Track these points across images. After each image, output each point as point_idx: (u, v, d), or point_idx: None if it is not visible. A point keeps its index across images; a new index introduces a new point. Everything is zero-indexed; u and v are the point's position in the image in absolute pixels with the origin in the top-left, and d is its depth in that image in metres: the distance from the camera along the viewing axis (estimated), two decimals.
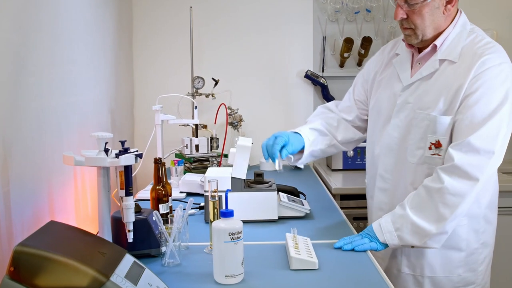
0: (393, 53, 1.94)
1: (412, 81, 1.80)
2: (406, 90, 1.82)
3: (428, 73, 1.76)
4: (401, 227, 1.65)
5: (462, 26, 1.77)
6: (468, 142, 1.60)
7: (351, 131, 2.10)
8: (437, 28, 1.74)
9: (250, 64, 3.31)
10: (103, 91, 2.58)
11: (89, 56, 2.34)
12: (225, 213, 1.41)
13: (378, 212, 1.93)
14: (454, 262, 1.80)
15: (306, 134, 1.98)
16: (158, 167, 1.95)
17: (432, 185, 1.63)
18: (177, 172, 2.64)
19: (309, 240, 1.70)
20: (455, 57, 1.72)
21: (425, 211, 1.64)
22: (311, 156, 2.04)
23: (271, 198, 2.01)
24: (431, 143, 1.72)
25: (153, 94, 3.18)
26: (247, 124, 3.23)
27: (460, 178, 1.60)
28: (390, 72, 1.91)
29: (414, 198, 1.67)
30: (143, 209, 1.69)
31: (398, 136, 1.82)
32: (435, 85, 1.73)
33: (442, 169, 1.63)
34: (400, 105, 1.82)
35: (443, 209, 1.61)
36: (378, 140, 1.92)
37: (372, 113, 1.99)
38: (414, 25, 1.73)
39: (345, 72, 3.31)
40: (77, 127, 2.14)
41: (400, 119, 1.82)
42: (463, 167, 1.60)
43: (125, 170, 1.40)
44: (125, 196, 1.41)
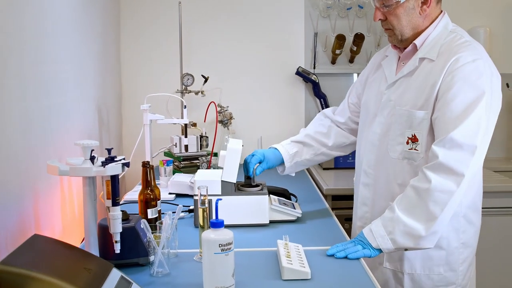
0: (384, 55, 1.99)
1: (395, 79, 1.85)
2: (389, 88, 1.87)
3: (409, 71, 1.81)
4: (393, 230, 1.63)
5: (443, 26, 1.81)
6: (451, 138, 1.61)
7: (343, 136, 2.15)
8: (415, 28, 1.79)
9: (240, 61, 3.27)
10: (90, 90, 2.52)
11: (75, 55, 2.28)
12: (215, 223, 1.36)
13: (362, 207, 1.96)
14: (434, 260, 1.81)
15: (286, 148, 2.11)
16: (146, 170, 1.90)
17: (420, 185, 1.63)
18: (166, 172, 2.59)
19: (301, 247, 1.67)
20: (433, 56, 1.76)
21: (415, 211, 1.63)
22: (298, 166, 2.14)
23: (262, 202, 1.97)
24: (408, 138, 1.77)
25: (141, 92, 3.13)
26: (237, 122, 3.18)
27: (446, 175, 1.60)
28: (379, 73, 1.97)
29: (403, 199, 1.66)
30: (131, 215, 1.64)
31: (380, 132, 1.87)
32: (414, 83, 1.78)
33: (428, 168, 1.63)
34: (383, 103, 1.87)
35: (433, 206, 1.60)
36: (364, 137, 1.96)
37: (361, 112, 2.05)
38: (391, 26, 1.80)
39: (337, 69, 3.27)
40: (64, 128, 2.08)
41: (383, 116, 1.87)
42: (448, 164, 1.60)
43: (111, 179, 1.35)
44: (112, 206, 1.36)
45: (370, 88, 1.99)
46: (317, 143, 2.13)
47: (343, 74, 3.30)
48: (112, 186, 1.35)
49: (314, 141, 2.13)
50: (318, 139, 2.13)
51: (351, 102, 2.13)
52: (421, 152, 1.74)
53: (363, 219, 1.94)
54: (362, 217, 1.95)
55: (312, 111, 3.30)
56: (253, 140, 3.18)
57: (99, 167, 1.35)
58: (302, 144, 2.13)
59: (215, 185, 1.94)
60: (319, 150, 2.13)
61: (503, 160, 3.32)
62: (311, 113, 3.31)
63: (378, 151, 1.87)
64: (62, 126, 2.06)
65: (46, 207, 1.84)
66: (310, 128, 2.19)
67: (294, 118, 3.32)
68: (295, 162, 2.11)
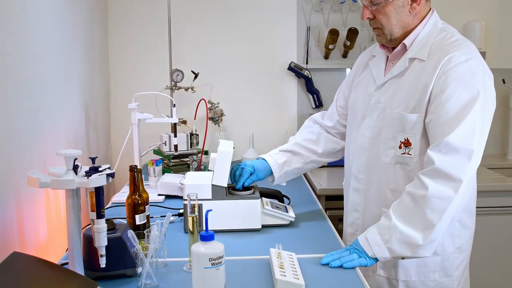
0: (370, 55, 1.93)
1: (384, 80, 1.79)
2: (378, 90, 1.81)
3: (399, 72, 1.75)
4: (389, 238, 1.58)
5: (433, 25, 1.75)
6: (447, 142, 1.56)
7: (333, 142, 2.09)
8: (405, 27, 1.73)
9: (231, 56, 3.19)
10: (76, 87, 2.44)
11: (60, 52, 2.20)
12: (205, 236, 1.30)
13: (353, 213, 1.90)
14: (429, 266, 1.77)
15: (274, 158, 2.05)
16: (134, 175, 1.83)
17: (416, 191, 1.57)
18: (155, 172, 2.52)
19: (295, 256, 1.61)
20: (423, 56, 1.70)
21: (412, 219, 1.57)
22: (288, 175, 2.08)
23: (254, 206, 1.91)
24: (401, 142, 1.71)
25: (130, 88, 3.07)
26: (228, 119, 3.11)
27: (443, 181, 1.55)
28: (366, 73, 1.90)
29: (399, 206, 1.61)
30: (118, 224, 1.57)
31: (370, 136, 1.81)
32: (404, 84, 1.72)
33: (424, 174, 1.58)
34: (372, 105, 1.81)
35: (430, 214, 1.55)
36: (353, 141, 1.90)
37: (349, 114, 1.98)
38: (380, 25, 1.73)
39: (330, 64, 3.21)
40: (49, 129, 2.01)
41: (373, 119, 1.81)
42: (444, 169, 1.55)
43: (96, 191, 1.28)
44: (97, 219, 1.30)
45: (357, 89, 1.93)
46: (307, 151, 2.07)
47: (337, 69, 3.23)
48: (96, 198, 1.28)
49: (303, 149, 2.07)
50: (307, 147, 2.08)
51: (339, 105, 2.07)
52: (414, 156, 1.69)
53: (354, 226, 1.89)
54: (353, 223, 1.90)
55: (305, 107, 3.24)
56: (244, 137, 3.14)
57: (83, 177, 1.28)
58: (291, 153, 2.07)
59: (206, 189, 1.88)
60: (309, 158, 2.07)
61: (498, 156, 3.27)
62: (303, 109, 3.24)
63: (369, 155, 1.81)
64: (46, 127, 1.99)
65: (30, 212, 1.78)
66: (299, 135, 2.13)
67: (287, 115, 3.25)
68: (284, 171, 2.05)
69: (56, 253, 1.94)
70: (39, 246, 1.85)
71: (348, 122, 1.98)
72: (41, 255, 1.83)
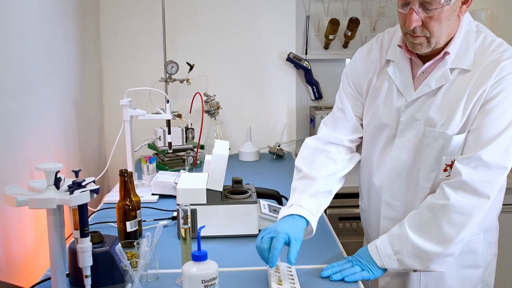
0: (383, 59, 1.65)
1: (418, 95, 1.56)
2: (411, 105, 1.57)
3: (439, 86, 1.53)
4: (400, 249, 1.48)
5: (467, 25, 1.55)
6: (479, 157, 1.43)
7: (355, 158, 1.76)
8: (451, 33, 1.51)
9: (227, 46, 3.07)
10: (65, 84, 2.34)
11: (48, 47, 2.09)
12: (198, 256, 1.21)
13: None
14: (473, 280, 1.65)
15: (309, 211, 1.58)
16: (124, 180, 1.74)
17: (436, 201, 1.46)
18: (149, 170, 2.43)
19: (293, 268, 1.53)
20: (468, 65, 1.50)
21: (427, 230, 1.46)
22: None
23: (251, 211, 1.82)
24: (446, 165, 1.52)
25: (123, 81, 2.97)
26: (225, 112, 3.01)
27: (468, 194, 1.43)
28: (386, 82, 1.63)
29: (415, 216, 1.50)
30: (106, 236, 1.49)
31: (407, 159, 1.60)
32: (446, 98, 1.52)
33: (448, 184, 1.46)
34: (405, 122, 1.58)
35: (448, 229, 1.43)
36: (380, 165, 1.66)
37: (367, 131, 1.70)
38: (429, 33, 1.46)
39: (330, 54, 3.09)
40: (36, 129, 1.92)
41: (408, 139, 1.59)
42: (472, 184, 1.43)
43: (79, 208, 1.19)
44: (81, 238, 1.21)
45: (375, 103, 1.65)
46: (333, 184, 1.69)
47: (337, 60, 3.11)
48: (80, 215, 1.19)
49: (330, 185, 1.67)
50: (333, 182, 1.69)
51: (358, 116, 1.73)
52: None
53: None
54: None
55: (304, 99, 3.14)
56: (242, 130, 3.04)
57: (65, 193, 1.19)
58: (322, 194, 1.65)
59: (200, 193, 1.79)
60: (334, 190, 1.70)
61: None
62: (302, 101, 3.14)
63: (407, 181, 1.60)
64: (33, 127, 1.89)
65: (16, 216, 1.69)
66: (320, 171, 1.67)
67: (285, 107, 3.15)
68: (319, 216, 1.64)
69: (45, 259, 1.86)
70: (26, 253, 1.77)
71: (367, 141, 1.72)
72: (29, 262, 1.76)
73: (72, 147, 2.41)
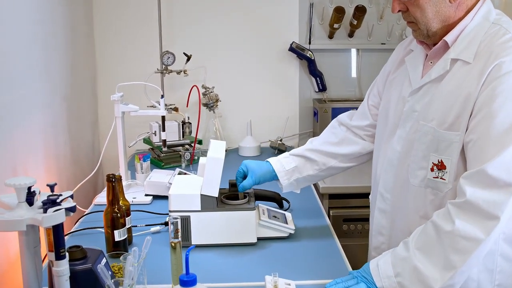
0: (408, 49, 1.62)
1: (421, 84, 1.48)
2: (414, 95, 1.50)
3: (438, 76, 1.44)
4: (402, 272, 1.35)
5: (483, 17, 1.41)
6: (484, 172, 1.27)
7: (359, 145, 1.79)
8: (445, 20, 1.42)
9: (227, 36, 2.93)
10: (54, 77, 2.21)
11: (34, 37, 1.96)
12: (186, 281, 1.09)
13: (378, 236, 1.64)
14: None
15: (281, 163, 1.80)
16: (111, 186, 1.62)
17: (442, 224, 1.31)
18: (143, 168, 2.31)
19: (293, 285, 1.41)
20: (469, 57, 1.38)
21: (432, 255, 1.32)
22: (300, 183, 1.82)
23: (249, 218, 1.70)
24: (433, 164, 1.42)
25: (117, 72, 2.85)
26: (224, 104, 2.88)
27: (474, 217, 1.27)
28: (402, 71, 1.60)
29: (420, 236, 1.36)
30: (89, 250, 1.36)
31: (400, 151, 1.53)
32: (443, 91, 1.41)
33: (453, 204, 1.31)
34: (406, 112, 1.51)
35: (453, 255, 1.29)
36: (382, 154, 1.62)
37: (379, 119, 1.69)
38: (414, 19, 1.44)
39: (335, 44, 2.95)
40: (21, 126, 1.80)
41: (405, 130, 1.51)
42: (477, 204, 1.27)
43: (54, 228, 1.07)
44: (56, 260, 1.09)
45: (390, 90, 1.64)
46: (324, 156, 1.79)
47: (342, 50, 2.97)
48: (55, 236, 1.07)
49: (319, 154, 1.79)
50: (325, 151, 1.79)
51: (372, 104, 1.77)
52: (449, 182, 1.39)
53: (379, 250, 1.62)
54: (377, 247, 1.64)
55: (307, 91, 3.01)
56: (241, 123, 2.92)
57: (38, 212, 1.07)
58: (304, 158, 1.80)
59: (194, 199, 1.67)
60: (325, 165, 1.79)
61: None
62: (305, 93, 3.01)
63: (397, 173, 1.54)
64: (18, 124, 1.78)
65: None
66: (319, 138, 1.85)
67: (287, 99, 3.01)
68: (295, 179, 1.79)
69: None
70: (9, 261, 1.66)
71: (378, 128, 1.70)
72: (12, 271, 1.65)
73: (63, 143, 2.29)
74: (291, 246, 1.71)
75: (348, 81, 3.01)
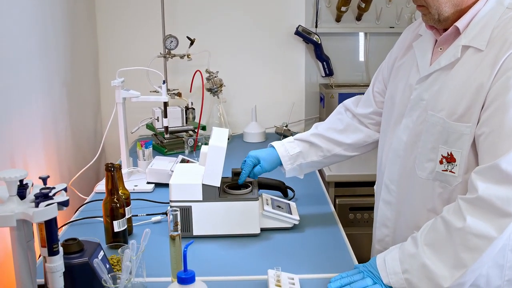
0: (416, 33, 1.54)
1: (430, 71, 1.41)
2: (422, 82, 1.43)
3: (448, 63, 1.36)
4: (410, 268, 1.29)
5: (497, 1, 1.34)
6: (497, 167, 1.21)
7: (364, 133, 1.76)
8: (458, 4, 1.34)
9: (231, 19, 2.86)
10: (54, 62, 2.16)
11: (30, 24, 1.91)
12: (184, 279, 1.05)
13: (382, 228, 1.59)
14: None
15: (286, 148, 1.78)
16: (110, 175, 1.57)
17: (453, 221, 1.25)
18: (145, 155, 2.26)
19: (297, 279, 1.37)
20: (481, 44, 1.30)
21: (441, 252, 1.27)
22: (303, 168, 1.80)
23: (252, 208, 1.65)
24: (442, 156, 1.35)
25: (120, 56, 2.81)
26: (228, 90, 2.82)
27: (486, 214, 1.22)
28: (410, 57, 1.53)
29: (429, 232, 1.30)
30: (87, 242, 1.32)
31: (407, 141, 1.46)
32: (453, 80, 1.34)
33: (465, 200, 1.25)
34: (413, 101, 1.44)
35: (463, 253, 1.23)
36: (387, 144, 1.56)
37: (385, 107, 1.64)
38: (425, 2, 1.36)
39: (342, 27, 2.87)
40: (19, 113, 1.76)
41: (412, 120, 1.45)
42: (490, 200, 1.21)
43: (46, 223, 1.02)
44: (49, 256, 1.04)
45: (397, 77, 1.57)
46: (329, 143, 1.77)
47: (349, 33, 2.89)
48: (47, 231, 1.02)
49: (324, 140, 1.77)
50: (330, 138, 1.77)
51: (377, 91, 1.72)
52: (458, 175, 1.33)
53: (383, 243, 1.58)
54: (381, 240, 1.59)
55: (314, 76, 2.94)
56: (246, 109, 2.86)
57: (29, 206, 1.02)
58: (309, 143, 1.77)
59: (196, 189, 1.62)
60: (330, 152, 1.77)
61: None
62: (312, 78, 2.94)
63: (403, 164, 1.48)
64: (15, 111, 1.74)
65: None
66: (324, 123, 1.82)
67: (293, 84, 2.95)
68: (299, 164, 1.77)
69: None
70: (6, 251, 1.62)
71: (384, 116, 1.64)
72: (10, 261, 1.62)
73: (63, 130, 2.25)
74: (295, 237, 1.67)
75: (355, 65, 2.94)
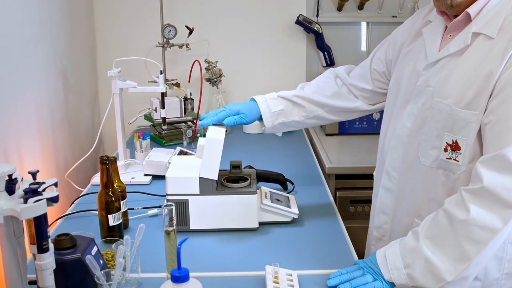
0: (426, 19, 1.51)
1: (438, 57, 1.38)
2: (429, 69, 1.40)
3: (457, 50, 1.34)
4: (412, 263, 1.26)
5: None
6: (503, 156, 1.18)
7: (353, 103, 1.74)
8: None
9: (230, 8, 2.81)
10: (50, 51, 2.12)
11: (25, 10, 1.86)
12: (178, 277, 1.02)
13: (380, 215, 1.57)
14: None
15: (268, 104, 1.74)
16: (105, 168, 1.54)
17: (456, 213, 1.22)
18: (142, 147, 2.22)
19: (295, 276, 1.33)
20: (492, 31, 1.28)
21: (444, 245, 1.24)
22: (283, 127, 1.75)
23: (250, 202, 1.61)
24: (447, 144, 1.33)
25: (117, 46, 2.77)
26: (228, 80, 2.78)
27: (491, 205, 1.19)
28: (418, 43, 1.50)
29: (431, 226, 1.27)
30: (80, 237, 1.29)
31: (411, 128, 1.44)
32: (462, 67, 1.31)
33: (468, 191, 1.22)
34: (420, 87, 1.42)
35: (467, 245, 1.20)
36: (390, 129, 1.53)
37: (390, 92, 1.60)
38: None
39: (344, 17, 2.83)
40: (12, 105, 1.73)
41: (417, 106, 1.42)
42: (495, 191, 1.18)
43: (35, 220, 0.99)
44: (39, 254, 1.01)
45: (404, 62, 1.54)
46: (312, 105, 1.73)
47: (351, 23, 2.85)
48: (37, 228, 0.99)
49: (308, 102, 1.74)
50: (315, 100, 1.73)
51: (376, 69, 1.69)
52: (462, 164, 1.31)
53: (381, 230, 1.57)
54: (379, 227, 1.58)
55: (315, 66, 2.90)
56: (246, 100, 2.76)
57: (18, 201, 0.99)
58: (292, 103, 1.74)
59: (193, 182, 1.59)
60: (314, 113, 1.74)
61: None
62: (313, 68, 2.90)
63: (406, 151, 1.46)
64: (10, 100, 1.72)
65: None
66: (310, 86, 1.77)
67: (294, 75, 2.90)
68: (280, 122, 1.73)
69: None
70: None
71: (388, 102, 1.62)
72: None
73: (59, 120, 2.22)
74: (294, 232, 1.63)
75: (357, 55, 2.88)
